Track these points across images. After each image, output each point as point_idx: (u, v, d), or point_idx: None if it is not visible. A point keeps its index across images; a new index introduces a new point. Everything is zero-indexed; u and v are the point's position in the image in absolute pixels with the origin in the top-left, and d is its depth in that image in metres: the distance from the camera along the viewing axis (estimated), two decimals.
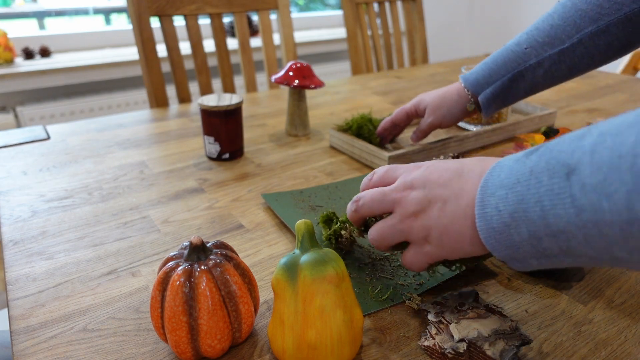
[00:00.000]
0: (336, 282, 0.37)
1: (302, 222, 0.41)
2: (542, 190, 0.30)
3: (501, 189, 0.33)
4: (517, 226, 0.32)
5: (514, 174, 0.32)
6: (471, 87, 0.70)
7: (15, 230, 0.59)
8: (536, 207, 0.30)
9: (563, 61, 0.63)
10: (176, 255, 0.40)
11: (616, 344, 0.42)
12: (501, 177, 0.33)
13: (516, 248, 0.33)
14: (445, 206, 0.37)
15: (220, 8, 1.21)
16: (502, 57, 0.67)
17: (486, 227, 0.34)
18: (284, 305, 0.38)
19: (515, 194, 0.32)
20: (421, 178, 0.40)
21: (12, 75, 1.73)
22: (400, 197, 0.40)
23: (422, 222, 0.39)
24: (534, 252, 0.32)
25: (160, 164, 0.79)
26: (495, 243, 0.34)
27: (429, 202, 0.38)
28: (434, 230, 0.38)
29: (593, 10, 0.59)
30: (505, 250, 0.33)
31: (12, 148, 0.84)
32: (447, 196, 0.38)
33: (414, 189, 0.40)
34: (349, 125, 0.84)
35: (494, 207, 0.33)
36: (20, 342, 0.42)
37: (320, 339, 0.36)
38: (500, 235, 0.33)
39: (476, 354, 0.38)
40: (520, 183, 0.31)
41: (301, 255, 0.39)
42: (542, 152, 0.31)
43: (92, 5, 2.21)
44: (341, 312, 0.37)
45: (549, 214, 0.30)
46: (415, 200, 0.39)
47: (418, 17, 1.64)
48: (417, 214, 0.39)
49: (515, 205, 0.32)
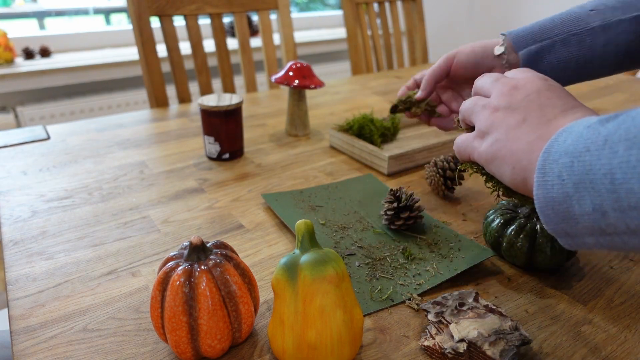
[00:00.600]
0: (336, 282, 0.37)
1: (302, 222, 0.41)
2: (614, 162, 0.27)
3: (566, 156, 0.30)
4: (581, 197, 0.29)
5: (583, 141, 0.29)
6: (512, 39, 0.57)
7: (15, 230, 0.59)
8: (605, 179, 0.27)
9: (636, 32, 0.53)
10: (176, 255, 0.40)
11: (616, 344, 0.42)
12: (567, 143, 0.30)
13: (574, 222, 0.30)
14: (524, 124, 0.35)
15: (220, 8, 1.21)
16: (561, 17, 0.56)
17: (544, 195, 0.31)
18: (284, 305, 0.38)
19: (582, 164, 0.29)
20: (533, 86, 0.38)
21: (12, 75, 1.73)
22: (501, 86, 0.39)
23: (495, 118, 0.37)
24: (595, 228, 0.29)
25: (160, 164, 0.79)
26: (551, 213, 0.31)
27: (518, 108, 0.37)
28: (497, 133, 0.37)
29: None
30: (561, 223, 0.31)
31: (12, 148, 0.84)
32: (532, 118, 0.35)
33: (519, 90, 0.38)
34: (349, 125, 0.84)
35: (557, 175, 0.30)
36: (20, 342, 0.42)
37: (320, 339, 0.36)
38: (559, 206, 0.30)
39: (476, 354, 0.38)
40: (590, 152, 0.29)
41: (301, 255, 0.39)
42: (622, 119, 0.28)
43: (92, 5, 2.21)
44: (341, 312, 0.37)
45: (620, 187, 0.27)
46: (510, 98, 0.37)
47: (418, 17, 1.64)
48: (500, 109, 0.38)
49: (581, 175, 0.29)
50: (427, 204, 0.66)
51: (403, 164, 0.76)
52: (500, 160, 0.36)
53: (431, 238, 0.57)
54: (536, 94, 0.37)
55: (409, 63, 1.67)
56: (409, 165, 0.77)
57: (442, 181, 0.66)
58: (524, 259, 0.50)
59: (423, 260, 0.52)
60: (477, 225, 0.61)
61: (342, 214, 0.63)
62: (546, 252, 0.48)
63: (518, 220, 0.51)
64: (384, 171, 0.75)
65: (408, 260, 0.53)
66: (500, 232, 0.52)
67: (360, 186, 0.70)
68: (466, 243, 0.55)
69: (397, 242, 0.56)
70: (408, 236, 0.57)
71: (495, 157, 0.37)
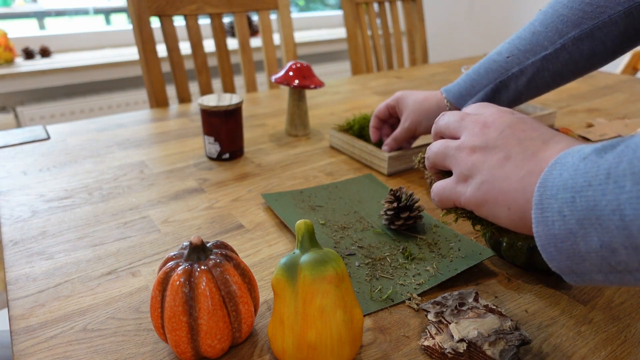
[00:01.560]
0: (336, 282, 0.37)
1: (302, 222, 0.41)
2: (623, 198, 0.26)
3: (565, 192, 0.29)
4: (587, 234, 0.28)
5: (582, 175, 0.28)
6: (453, 99, 0.67)
7: (15, 230, 0.59)
8: (614, 215, 0.26)
9: (546, 68, 0.61)
10: (176, 255, 0.40)
11: (616, 343, 0.42)
12: (564, 177, 0.29)
13: (580, 259, 0.29)
14: (508, 161, 0.35)
15: (220, 8, 1.21)
16: (484, 68, 0.65)
17: (545, 233, 0.30)
18: (284, 305, 0.38)
19: (586, 200, 0.28)
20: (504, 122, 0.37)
21: (12, 75, 1.73)
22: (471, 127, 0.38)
23: (475, 159, 0.37)
24: (604, 265, 0.28)
25: (160, 164, 0.79)
26: (554, 251, 0.30)
27: (495, 147, 0.36)
28: (481, 174, 0.36)
29: (575, 14, 0.57)
30: (566, 261, 0.30)
31: (12, 148, 0.84)
32: (516, 153, 0.35)
33: (489, 127, 0.37)
34: (350, 125, 0.84)
35: (557, 211, 0.29)
36: (20, 342, 0.42)
37: (320, 339, 0.36)
38: (562, 244, 0.29)
39: (476, 354, 0.38)
40: (593, 187, 0.27)
41: (301, 255, 0.39)
42: (621, 151, 0.27)
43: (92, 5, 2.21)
44: (341, 312, 0.37)
45: (632, 224, 0.26)
46: (484, 137, 0.37)
47: (418, 17, 1.64)
48: (477, 150, 0.37)
49: (585, 212, 0.28)
50: (427, 204, 0.66)
51: (403, 164, 0.76)
52: (493, 202, 0.35)
53: (431, 238, 0.57)
54: (510, 129, 0.36)
55: (409, 63, 1.67)
56: (409, 165, 0.77)
57: None
58: (524, 259, 0.50)
59: (423, 260, 0.52)
60: None
61: (342, 214, 0.63)
62: None
63: None
64: (384, 171, 0.75)
65: (408, 260, 0.53)
66: (500, 232, 0.51)
67: (360, 186, 0.70)
68: (466, 243, 0.55)
69: (397, 242, 0.56)
70: (408, 236, 0.57)
71: (486, 201, 0.35)
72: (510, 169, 0.34)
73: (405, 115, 0.72)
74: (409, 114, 0.71)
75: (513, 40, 0.63)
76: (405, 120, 0.72)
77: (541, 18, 0.61)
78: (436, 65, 1.54)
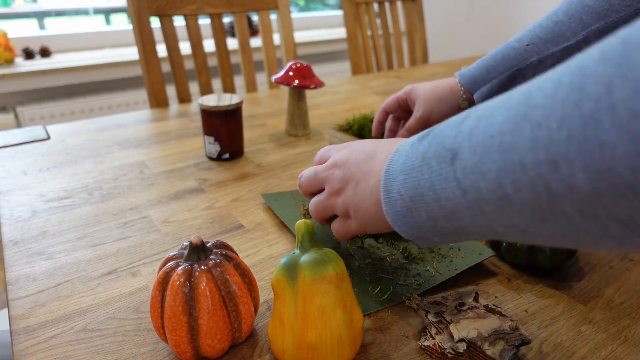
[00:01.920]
0: (336, 282, 0.37)
1: (302, 222, 0.41)
2: (433, 176, 0.32)
3: (401, 174, 0.35)
4: (417, 209, 0.34)
5: (410, 160, 0.34)
6: (466, 84, 0.65)
7: (15, 230, 0.59)
8: (430, 191, 0.32)
9: (567, 60, 0.60)
10: (176, 255, 0.40)
11: (616, 344, 0.42)
12: (399, 162, 0.35)
13: (419, 228, 0.35)
14: (358, 185, 0.41)
15: (220, 8, 1.21)
16: (502, 54, 0.62)
17: (392, 210, 0.36)
18: (284, 305, 0.38)
19: (412, 180, 0.34)
20: (343, 158, 0.43)
21: (12, 75, 1.73)
22: (326, 175, 0.44)
23: (342, 200, 0.43)
24: (435, 231, 0.34)
25: (160, 164, 0.79)
26: (401, 225, 0.36)
27: (347, 181, 0.42)
28: (351, 207, 0.42)
29: (601, 6, 0.55)
30: (411, 231, 0.36)
31: (12, 148, 0.84)
32: (359, 176, 0.41)
33: (337, 168, 0.43)
34: (350, 125, 0.84)
35: (397, 191, 0.35)
36: (20, 342, 0.42)
37: (320, 339, 0.36)
38: (404, 218, 0.35)
39: (476, 354, 0.38)
40: (415, 169, 0.34)
41: (301, 255, 0.39)
42: (431, 137, 0.33)
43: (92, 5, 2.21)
44: (341, 312, 0.37)
45: (440, 197, 0.31)
46: (337, 179, 0.43)
47: (418, 17, 1.64)
48: (339, 191, 0.43)
49: (413, 190, 0.34)
50: None
51: None
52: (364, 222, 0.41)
53: None
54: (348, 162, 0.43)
55: (409, 63, 1.67)
56: None
57: None
58: (524, 259, 0.50)
59: (423, 260, 0.52)
60: None
61: None
62: (546, 252, 0.48)
63: None
64: None
65: (408, 260, 0.53)
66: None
67: None
68: (466, 243, 0.55)
69: (397, 242, 0.56)
70: None
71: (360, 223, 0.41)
72: (361, 189, 0.40)
73: (418, 104, 0.70)
74: (420, 102, 0.69)
75: (534, 28, 0.61)
76: (418, 110, 0.70)
77: (565, 7, 0.59)
78: (436, 65, 1.54)
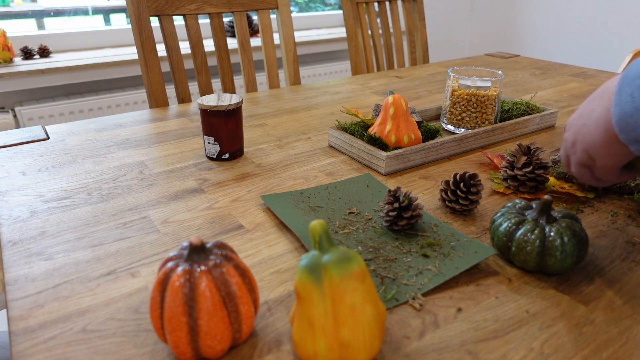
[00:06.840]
0: (362, 277, 0.37)
1: (317, 223, 0.39)
2: None
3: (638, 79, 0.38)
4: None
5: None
6: None
7: (14, 230, 0.59)
8: None
9: None
10: (176, 256, 0.40)
11: (618, 345, 0.42)
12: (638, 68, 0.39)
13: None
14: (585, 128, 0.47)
15: (220, 8, 1.21)
16: None
17: (619, 111, 0.40)
18: (312, 308, 0.37)
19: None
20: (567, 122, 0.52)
21: (11, 75, 1.72)
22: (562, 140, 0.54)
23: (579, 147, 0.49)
24: None
25: (159, 164, 0.79)
26: (624, 125, 0.40)
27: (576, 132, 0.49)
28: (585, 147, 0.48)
29: None
30: (632, 132, 0.39)
31: (11, 148, 0.84)
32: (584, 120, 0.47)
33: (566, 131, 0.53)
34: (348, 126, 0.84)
35: (629, 94, 0.39)
36: (19, 343, 0.42)
37: (353, 336, 0.36)
38: (630, 118, 0.39)
39: None
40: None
41: (322, 256, 0.38)
42: None
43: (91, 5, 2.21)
44: (370, 307, 0.37)
45: None
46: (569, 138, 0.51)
47: (418, 16, 1.63)
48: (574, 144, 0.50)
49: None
50: (426, 204, 0.66)
51: (400, 164, 0.76)
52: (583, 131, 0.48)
53: (432, 237, 0.56)
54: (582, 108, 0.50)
55: (409, 63, 1.66)
56: (407, 165, 0.77)
57: (455, 202, 0.63)
58: (534, 264, 0.49)
59: (425, 259, 0.52)
60: (477, 224, 0.61)
61: (342, 214, 0.62)
62: (556, 256, 0.48)
63: (526, 224, 0.50)
64: (382, 171, 0.75)
65: (410, 260, 0.52)
66: (508, 236, 0.51)
67: (359, 186, 0.70)
68: (467, 241, 0.55)
69: (399, 242, 0.56)
70: (409, 235, 0.57)
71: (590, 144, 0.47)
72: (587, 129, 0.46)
73: None
74: None
75: None
76: None
77: None
78: (436, 65, 1.54)
